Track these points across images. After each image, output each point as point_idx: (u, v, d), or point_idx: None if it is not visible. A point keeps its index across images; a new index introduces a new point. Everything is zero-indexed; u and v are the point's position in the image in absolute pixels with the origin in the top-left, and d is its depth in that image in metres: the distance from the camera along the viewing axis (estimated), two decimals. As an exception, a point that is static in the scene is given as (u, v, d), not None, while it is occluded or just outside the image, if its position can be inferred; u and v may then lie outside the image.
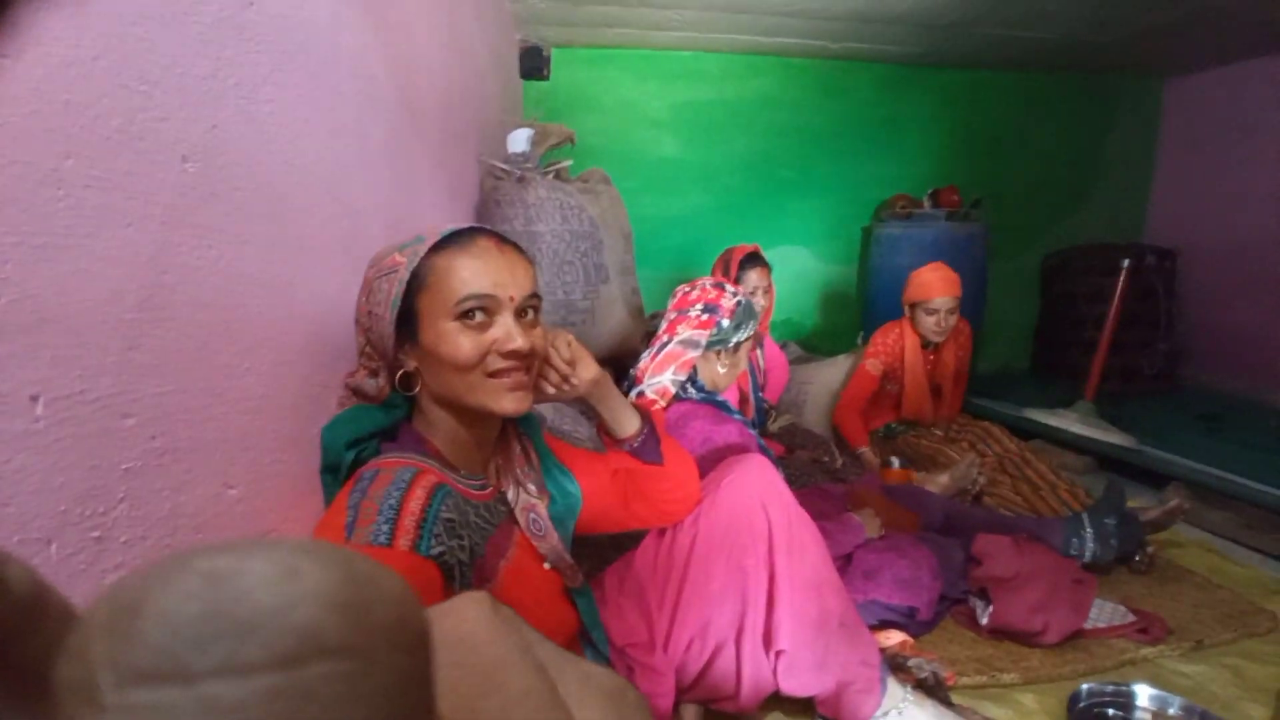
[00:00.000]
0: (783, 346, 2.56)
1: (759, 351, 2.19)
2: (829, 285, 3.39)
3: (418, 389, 0.72)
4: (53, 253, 0.40)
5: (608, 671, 0.35)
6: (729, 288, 1.42)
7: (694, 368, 1.37)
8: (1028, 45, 2.93)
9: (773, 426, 2.11)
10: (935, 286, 2.06)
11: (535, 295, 0.74)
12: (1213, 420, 2.55)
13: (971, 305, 3.06)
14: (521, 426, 0.85)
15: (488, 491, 0.75)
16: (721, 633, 1.02)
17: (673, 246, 3.14)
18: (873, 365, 2.19)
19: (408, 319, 0.69)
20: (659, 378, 1.32)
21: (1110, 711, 1.21)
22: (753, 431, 1.34)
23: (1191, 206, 3.41)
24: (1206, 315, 3.27)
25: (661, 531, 1.06)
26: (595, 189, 1.95)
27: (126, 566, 0.46)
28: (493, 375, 0.70)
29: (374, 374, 0.74)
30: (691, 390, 1.36)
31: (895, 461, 1.96)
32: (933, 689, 1.20)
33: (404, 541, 0.57)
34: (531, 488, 0.81)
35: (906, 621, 1.37)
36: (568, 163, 1.88)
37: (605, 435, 0.97)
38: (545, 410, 1.37)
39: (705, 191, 3.21)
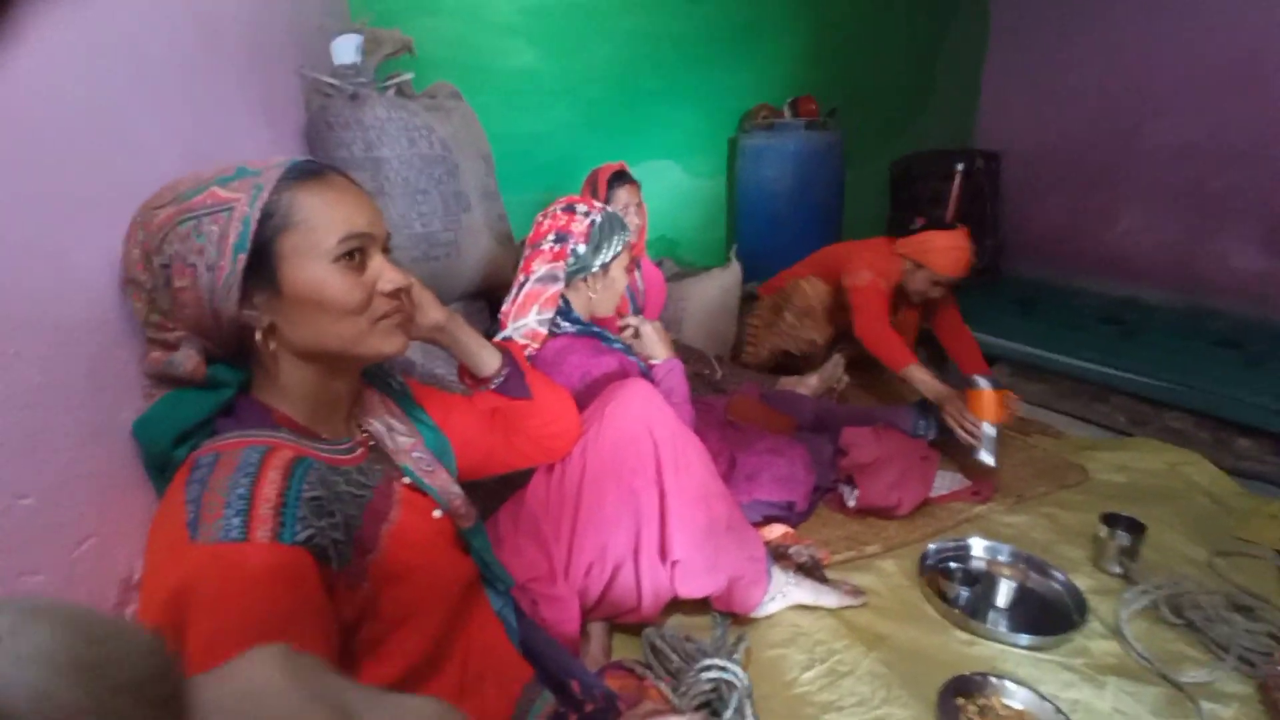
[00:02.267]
0: (658, 264, 2.56)
1: (637, 273, 2.17)
2: (700, 199, 3.40)
3: (272, 348, 0.63)
4: None
5: (426, 700, 0.33)
6: (580, 208, 1.32)
7: (562, 300, 1.31)
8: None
9: (654, 346, 2.13)
10: (958, 265, 1.90)
11: (389, 234, 0.69)
12: (1028, 305, 2.93)
13: (830, 214, 3.23)
14: (366, 374, 0.79)
15: (356, 455, 0.69)
16: (619, 553, 1.06)
17: (539, 166, 2.97)
18: (880, 281, 1.98)
19: (259, 264, 0.60)
20: (523, 320, 1.25)
21: (952, 564, 1.41)
22: (633, 358, 1.33)
23: (1013, 108, 3.73)
24: (1023, 212, 3.66)
25: (550, 466, 1.05)
26: (444, 105, 1.78)
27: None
28: (380, 318, 0.66)
29: (170, 347, 0.62)
30: (565, 324, 1.31)
31: (982, 381, 1.66)
32: (810, 569, 1.34)
33: (262, 533, 0.51)
34: (403, 427, 0.77)
35: (787, 514, 1.50)
36: (409, 76, 1.68)
37: (468, 378, 0.93)
38: (414, 354, 1.28)
39: (568, 106, 3.03)
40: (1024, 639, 1.18)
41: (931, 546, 1.43)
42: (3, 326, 0.49)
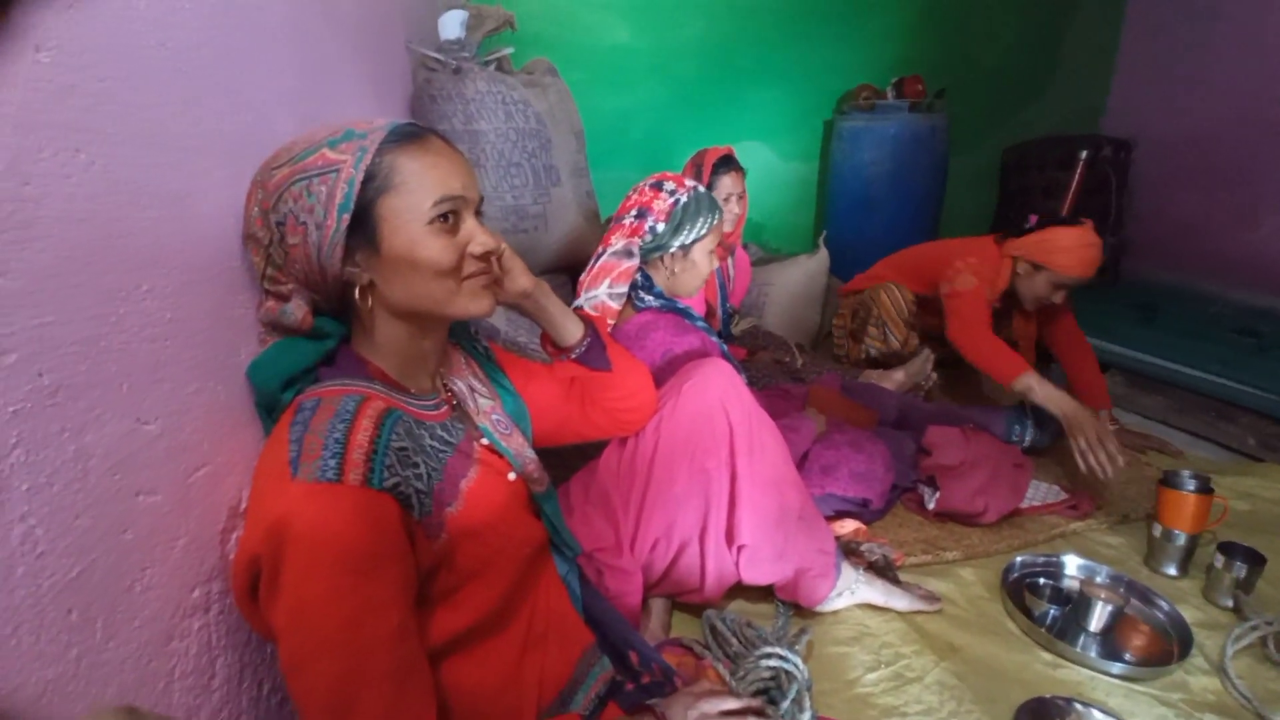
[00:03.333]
0: (744, 248, 2.51)
1: (729, 261, 2.12)
2: (789, 183, 3.30)
3: (368, 305, 0.66)
4: None
5: None
6: (668, 185, 1.30)
7: (643, 275, 1.31)
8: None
9: (735, 330, 2.10)
10: (1088, 265, 1.68)
11: (483, 198, 0.71)
12: (1149, 310, 2.66)
13: (931, 203, 3.05)
14: (453, 334, 0.82)
15: (442, 411, 0.72)
16: (686, 532, 1.05)
17: (628, 144, 2.97)
18: (984, 288, 1.80)
19: (359, 225, 0.63)
20: (594, 292, 1.25)
21: (1040, 580, 1.32)
22: (716, 340, 1.32)
23: (1150, 96, 3.36)
24: (1151, 208, 3.32)
25: (623, 439, 1.06)
26: (541, 82, 1.80)
27: (34, 515, 0.42)
28: (469, 278, 0.68)
29: (283, 299, 0.67)
30: (649, 298, 1.30)
31: (1188, 480, 1.36)
32: (883, 569, 1.28)
33: (354, 475, 0.54)
34: (484, 389, 0.79)
35: (860, 510, 1.44)
36: (508, 51, 1.71)
37: (550, 346, 0.94)
38: (498, 322, 1.32)
39: (659, 83, 3.00)
40: (1117, 667, 1.08)
41: (1018, 559, 1.34)
42: (132, 262, 0.53)
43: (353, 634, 0.53)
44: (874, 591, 1.20)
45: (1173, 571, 1.34)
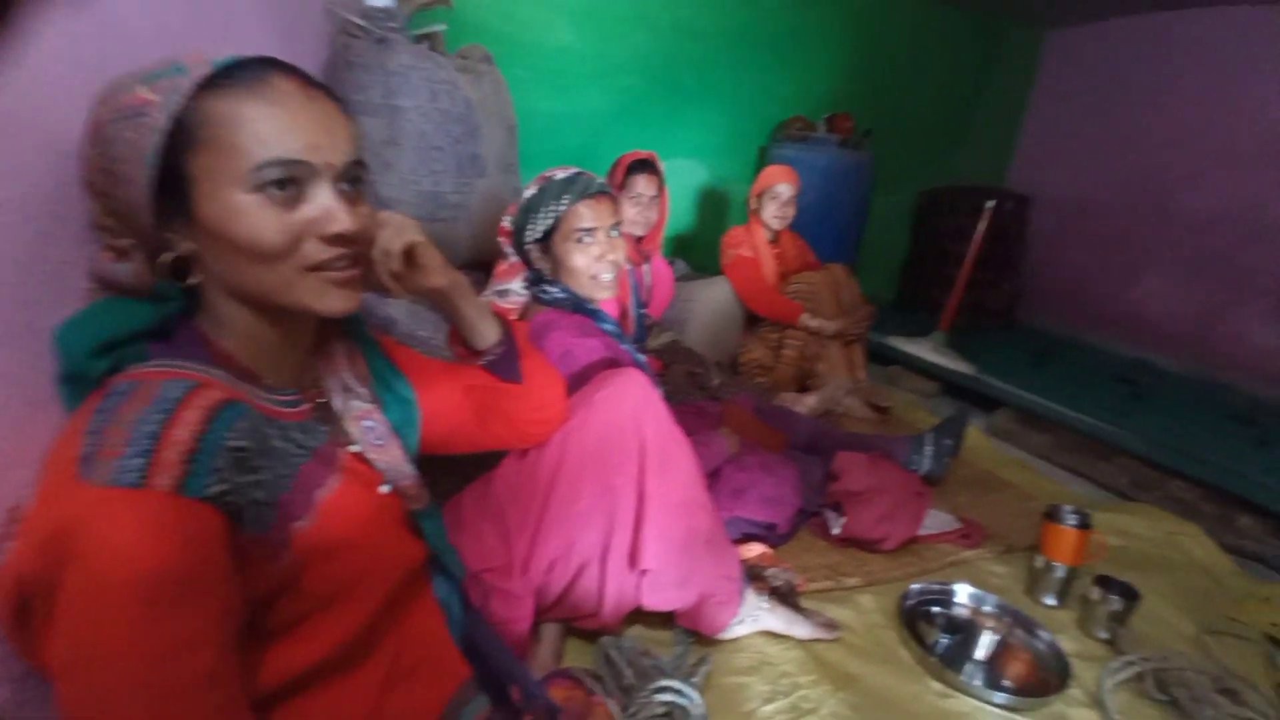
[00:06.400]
0: (670, 263, 2.49)
1: (645, 267, 2.10)
2: (722, 203, 3.33)
3: (198, 279, 0.55)
4: None
5: None
6: (538, 180, 1.22)
7: (533, 270, 1.26)
8: (931, -28, 2.90)
9: (653, 343, 2.07)
10: (779, 175, 2.35)
11: (360, 163, 0.58)
12: (1041, 355, 2.86)
13: (851, 236, 3.16)
14: (341, 323, 0.69)
15: (301, 409, 0.61)
16: (585, 553, 0.99)
17: (564, 149, 2.89)
18: (743, 251, 2.37)
19: (173, 184, 0.51)
20: (485, 290, 1.21)
21: (934, 608, 1.34)
22: (625, 345, 1.26)
23: (1050, 158, 3.66)
24: (1046, 261, 3.60)
25: (524, 451, 0.98)
26: (476, 68, 1.71)
27: None
28: (315, 268, 0.55)
29: (123, 255, 0.54)
30: (554, 290, 1.21)
31: (1069, 516, 1.42)
32: (785, 596, 1.27)
33: (163, 480, 0.43)
34: (363, 391, 0.68)
35: (767, 534, 1.43)
36: (441, 27, 1.61)
37: (459, 346, 0.84)
38: (398, 314, 1.21)
39: (600, 91, 2.96)
40: (999, 697, 1.11)
41: (914, 586, 1.36)
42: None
43: (151, 679, 0.42)
44: (776, 619, 1.18)
45: (1052, 602, 1.40)
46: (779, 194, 2.35)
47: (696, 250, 3.23)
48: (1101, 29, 3.37)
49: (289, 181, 0.52)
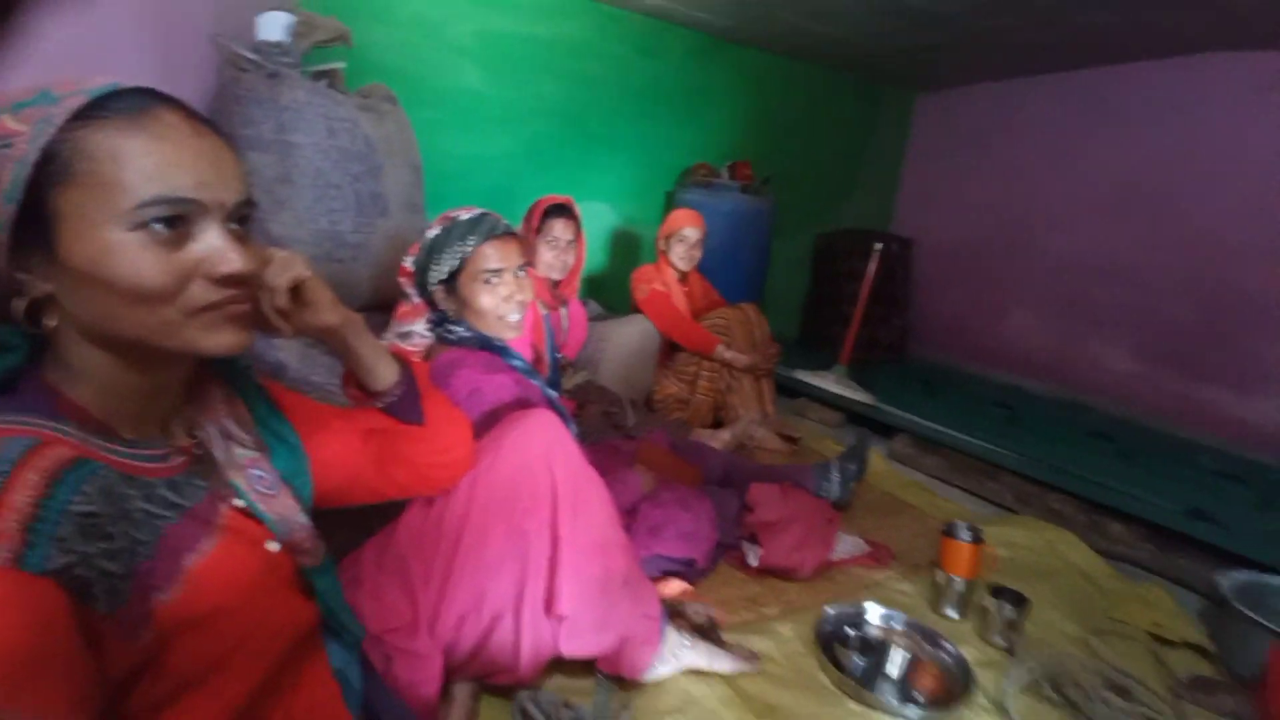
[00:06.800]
0: (584, 304, 2.51)
1: (563, 310, 2.10)
2: (631, 245, 3.41)
3: (52, 323, 0.49)
4: None
5: None
6: (441, 221, 1.21)
7: (438, 311, 1.23)
8: (820, 39, 3.16)
9: (568, 383, 2.06)
10: (685, 219, 2.48)
11: (250, 201, 0.55)
12: (930, 385, 3.09)
13: (756, 277, 3.32)
14: (218, 366, 0.64)
15: (172, 464, 0.55)
16: (499, 604, 0.94)
17: (474, 190, 2.88)
18: (656, 286, 2.45)
19: (35, 221, 0.47)
20: (410, 325, 1.17)
21: (848, 630, 1.37)
22: (536, 381, 1.23)
23: (927, 205, 4.05)
24: (930, 299, 3.93)
25: (430, 498, 0.94)
26: (378, 107, 1.68)
27: None
28: (203, 309, 0.51)
29: None
30: (459, 329, 1.19)
31: (963, 532, 1.50)
32: (706, 631, 1.26)
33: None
34: (246, 437, 0.62)
35: (686, 570, 1.42)
36: (340, 65, 1.57)
37: (354, 389, 0.79)
38: (289, 358, 1.14)
39: (512, 136, 2.99)
40: (912, 710, 1.14)
41: (830, 611, 1.39)
42: None
43: None
44: (698, 656, 1.17)
45: (954, 614, 1.47)
46: (686, 237, 2.47)
47: (608, 291, 3.27)
48: (965, 92, 3.79)
49: (177, 219, 0.49)
